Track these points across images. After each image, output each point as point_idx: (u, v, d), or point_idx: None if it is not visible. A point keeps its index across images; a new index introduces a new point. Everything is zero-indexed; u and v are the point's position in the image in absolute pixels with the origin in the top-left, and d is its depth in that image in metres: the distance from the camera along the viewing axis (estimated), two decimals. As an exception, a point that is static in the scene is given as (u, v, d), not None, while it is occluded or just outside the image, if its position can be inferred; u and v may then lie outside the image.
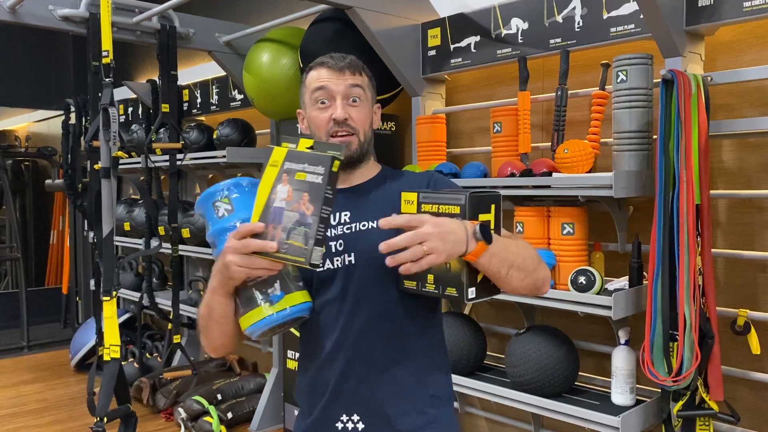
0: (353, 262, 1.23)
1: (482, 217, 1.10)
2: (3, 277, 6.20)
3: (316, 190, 1.05)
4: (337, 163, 1.06)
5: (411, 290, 1.15)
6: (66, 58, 5.53)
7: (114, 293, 2.33)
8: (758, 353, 1.79)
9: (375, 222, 1.24)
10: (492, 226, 1.11)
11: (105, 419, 2.24)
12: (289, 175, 1.08)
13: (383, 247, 1.03)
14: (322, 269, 1.24)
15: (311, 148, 1.10)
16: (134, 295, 3.81)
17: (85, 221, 4.49)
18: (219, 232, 1.15)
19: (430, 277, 1.11)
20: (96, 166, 2.42)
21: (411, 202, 1.14)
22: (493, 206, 1.12)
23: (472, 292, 1.09)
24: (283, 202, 1.07)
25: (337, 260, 1.25)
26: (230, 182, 1.19)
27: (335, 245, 1.25)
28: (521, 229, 2.07)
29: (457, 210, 1.08)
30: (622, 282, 1.95)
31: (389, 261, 1.03)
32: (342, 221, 1.28)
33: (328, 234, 1.22)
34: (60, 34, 2.85)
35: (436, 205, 1.11)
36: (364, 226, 1.26)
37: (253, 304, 1.12)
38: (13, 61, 5.41)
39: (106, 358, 2.27)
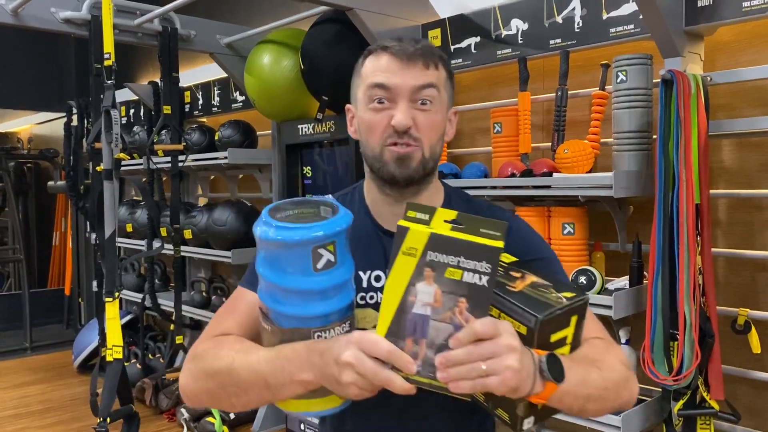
0: None
1: (557, 335, 0.86)
2: (6, 278, 6.21)
3: (480, 295, 0.79)
4: (502, 254, 0.81)
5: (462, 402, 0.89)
6: (68, 61, 5.54)
7: (117, 294, 2.34)
8: (759, 352, 1.79)
9: None
10: (569, 341, 0.88)
11: (108, 419, 2.25)
12: (435, 270, 0.80)
13: (440, 361, 0.79)
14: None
15: (455, 222, 0.83)
16: (137, 297, 3.82)
17: (87, 223, 4.50)
18: (318, 291, 0.87)
19: None
20: (98, 168, 2.43)
21: None
22: (574, 318, 0.88)
23: (528, 423, 0.85)
24: (427, 308, 0.80)
25: None
26: (337, 224, 0.88)
27: (372, 315, 1.03)
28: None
29: (522, 330, 0.83)
30: (623, 281, 1.96)
31: (440, 375, 0.79)
32: (384, 282, 0.96)
33: (371, 298, 1.04)
34: (62, 36, 2.86)
35: (497, 311, 0.86)
36: None
37: (325, 392, 0.88)
38: (16, 64, 5.43)
39: (109, 358, 2.27)
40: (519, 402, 0.82)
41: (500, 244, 0.79)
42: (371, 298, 1.05)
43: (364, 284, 1.06)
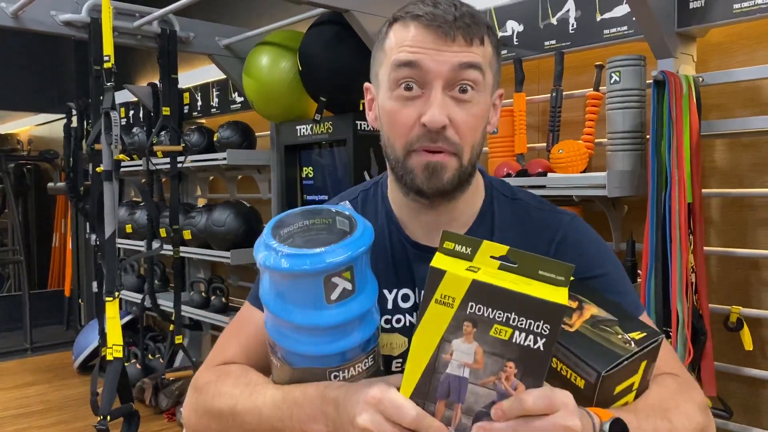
0: None
1: (622, 385, 0.72)
2: (6, 279, 6.23)
3: (534, 361, 0.63)
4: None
5: None
6: (67, 62, 5.56)
7: (116, 294, 2.36)
8: (751, 349, 1.81)
9: None
10: (636, 387, 0.74)
11: (108, 417, 2.27)
12: (476, 326, 0.63)
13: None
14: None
15: (506, 259, 0.66)
16: (136, 297, 3.84)
17: (87, 224, 4.52)
18: (332, 327, 0.73)
19: None
20: (98, 169, 2.45)
21: None
22: (644, 364, 0.74)
23: None
24: (464, 369, 0.64)
25: (397, 364, 0.87)
26: (356, 247, 0.73)
27: (400, 340, 0.88)
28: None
29: (580, 384, 0.70)
30: (617, 280, 1.97)
31: None
32: (413, 302, 0.87)
33: (397, 321, 0.88)
34: (61, 38, 2.88)
35: (554, 360, 0.72)
36: None
37: None
38: (15, 66, 5.45)
39: (109, 357, 2.29)
40: None
41: (564, 296, 0.62)
42: (398, 321, 0.89)
43: (389, 305, 0.89)
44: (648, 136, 1.81)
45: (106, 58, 2.36)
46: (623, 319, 0.75)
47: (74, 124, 4.40)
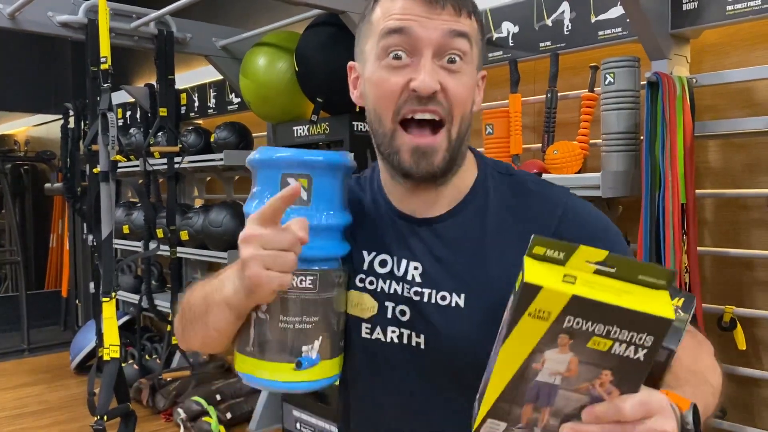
0: (422, 347, 0.82)
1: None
2: (3, 280, 6.23)
3: (633, 370, 0.60)
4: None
5: None
6: (64, 63, 5.57)
7: (113, 294, 2.36)
8: (744, 348, 1.82)
9: (463, 296, 0.80)
10: None
11: (105, 418, 2.27)
12: (574, 338, 0.60)
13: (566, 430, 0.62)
14: (368, 337, 0.85)
15: (603, 265, 0.62)
16: (133, 298, 3.84)
17: (84, 224, 4.52)
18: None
19: None
20: (95, 170, 2.46)
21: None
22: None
23: None
24: (556, 377, 0.62)
25: (393, 332, 0.84)
26: (322, 161, 0.77)
27: (393, 309, 0.85)
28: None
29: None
30: (612, 280, 1.99)
31: None
32: (410, 278, 0.84)
33: (370, 283, 0.87)
34: (58, 39, 2.88)
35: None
36: (444, 299, 0.81)
37: (272, 354, 0.77)
38: (12, 66, 5.45)
39: (106, 357, 2.30)
40: None
41: (669, 307, 0.59)
42: (371, 283, 0.87)
43: (365, 266, 0.88)
44: (642, 137, 1.83)
45: (103, 60, 2.37)
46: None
47: (71, 124, 4.41)
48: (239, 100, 3.53)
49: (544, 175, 1.99)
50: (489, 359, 0.66)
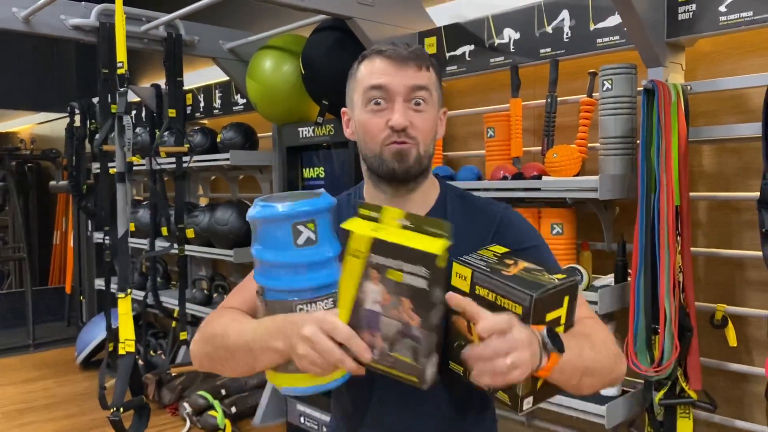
0: None
1: (552, 314, 0.88)
2: (7, 276, 6.28)
3: (421, 298, 0.82)
4: (444, 255, 0.81)
5: (456, 374, 0.93)
6: (69, 62, 5.62)
7: (129, 290, 2.43)
8: (735, 345, 1.90)
9: None
10: (563, 321, 0.91)
11: (120, 409, 2.33)
12: (379, 272, 0.84)
13: (468, 354, 0.83)
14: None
15: (405, 220, 0.87)
16: (138, 294, 3.90)
17: (89, 222, 4.57)
18: (298, 265, 0.92)
19: None
20: (111, 171, 2.52)
21: (463, 277, 0.89)
22: (566, 298, 0.90)
23: (528, 403, 0.87)
24: (377, 305, 0.85)
25: None
26: (317, 205, 0.93)
27: None
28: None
29: (518, 310, 0.84)
30: (608, 279, 2.06)
31: (478, 377, 0.82)
32: None
33: None
34: (64, 38, 2.93)
35: (494, 294, 0.87)
36: None
37: (296, 367, 0.92)
38: (17, 65, 5.50)
39: (121, 352, 2.36)
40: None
41: (439, 248, 0.80)
42: None
43: None
44: (638, 142, 1.89)
45: (119, 65, 2.43)
46: (549, 269, 0.93)
47: (77, 123, 4.46)
48: (244, 100, 3.59)
49: (544, 178, 2.05)
50: None
